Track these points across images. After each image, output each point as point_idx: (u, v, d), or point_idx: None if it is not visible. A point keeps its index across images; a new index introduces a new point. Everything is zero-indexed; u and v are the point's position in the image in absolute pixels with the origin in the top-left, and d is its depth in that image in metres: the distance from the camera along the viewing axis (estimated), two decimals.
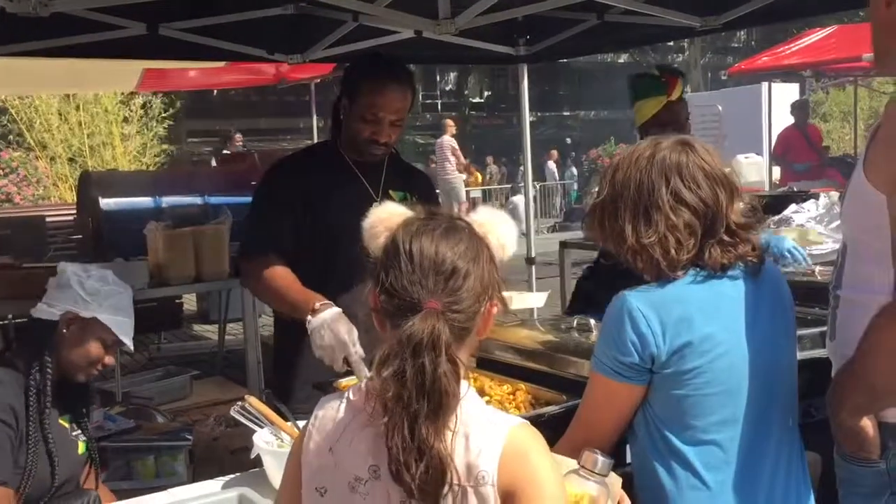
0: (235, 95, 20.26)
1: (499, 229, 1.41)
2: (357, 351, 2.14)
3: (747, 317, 1.63)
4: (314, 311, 2.21)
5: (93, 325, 2.24)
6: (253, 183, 6.76)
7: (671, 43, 24.52)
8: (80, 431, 2.35)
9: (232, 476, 1.99)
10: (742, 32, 26.42)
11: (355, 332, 2.16)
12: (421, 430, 1.20)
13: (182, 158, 14.31)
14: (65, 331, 2.22)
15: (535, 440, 1.29)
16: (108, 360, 2.31)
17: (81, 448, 2.34)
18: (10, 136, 12.50)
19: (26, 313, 5.15)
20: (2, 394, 2.10)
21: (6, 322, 5.50)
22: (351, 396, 1.33)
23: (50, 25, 3.14)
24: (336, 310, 2.22)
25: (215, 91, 15.42)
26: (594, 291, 2.72)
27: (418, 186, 2.62)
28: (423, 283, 1.28)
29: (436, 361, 1.22)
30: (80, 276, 2.27)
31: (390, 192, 2.51)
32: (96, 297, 2.24)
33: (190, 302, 8.15)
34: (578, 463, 1.44)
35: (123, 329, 2.28)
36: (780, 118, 10.47)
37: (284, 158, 2.72)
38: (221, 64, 5.52)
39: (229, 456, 3.89)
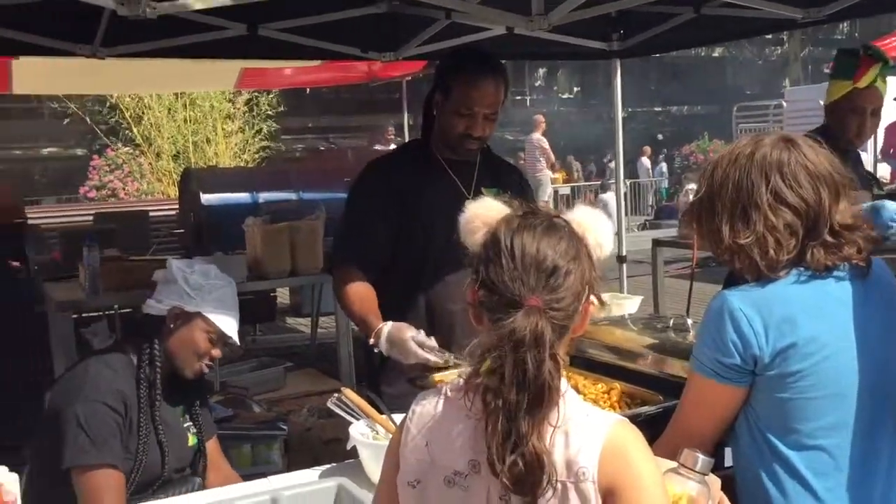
0: (327, 93, 20.60)
1: (596, 228, 1.40)
2: (428, 351, 2.18)
3: (855, 318, 1.57)
4: (375, 342, 2.27)
5: (197, 320, 2.28)
6: (346, 179, 6.94)
7: (769, 35, 23.81)
8: (191, 423, 2.42)
9: (328, 466, 2.04)
10: (845, 24, 25.41)
11: (413, 335, 2.20)
12: (520, 426, 1.21)
13: (275, 155, 14.65)
14: (172, 325, 2.28)
15: (635, 438, 1.28)
16: (216, 352, 2.34)
17: (192, 440, 2.40)
18: (120, 133, 13.04)
19: (132, 304, 5.39)
20: (112, 380, 2.18)
21: (112, 312, 5.77)
22: (448, 392, 1.35)
23: (157, 27, 3.26)
24: (387, 329, 2.26)
25: (307, 89, 15.71)
26: None
27: (512, 182, 2.60)
28: (524, 280, 1.28)
29: (539, 358, 1.22)
30: (184, 271, 2.31)
31: (482, 188, 2.51)
32: (199, 292, 2.29)
33: (283, 295, 8.34)
34: (677, 461, 1.42)
35: (226, 323, 2.32)
36: (888, 113, 10.00)
37: (377, 159, 2.74)
38: (316, 63, 5.63)
39: (322, 446, 3.98)
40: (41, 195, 15.93)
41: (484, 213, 1.40)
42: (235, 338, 2.35)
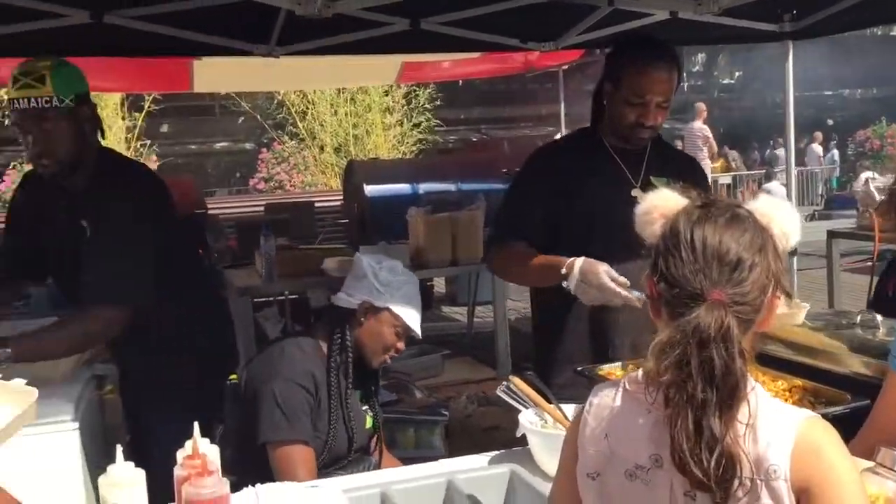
0: (480, 84, 20.73)
1: (782, 218, 1.35)
2: (622, 288, 2.17)
3: None
4: (566, 275, 2.25)
5: (385, 314, 2.39)
6: (504, 170, 6.98)
7: None
8: (367, 407, 2.54)
9: (497, 453, 2.07)
10: None
11: (607, 269, 2.20)
12: (710, 422, 1.18)
13: (431, 148, 14.95)
14: (362, 319, 2.40)
15: (829, 434, 1.23)
16: (400, 346, 2.45)
17: (369, 422, 2.53)
18: (286, 127, 13.70)
19: (301, 290, 5.62)
20: (303, 361, 2.32)
21: (283, 298, 6.08)
22: (627, 385, 1.34)
23: (326, 25, 3.39)
24: (581, 260, 2.25)
25: (460, 81, 15.89)
26: None
27: (684, 172, 2.53)
28: (707, 274, 1.25)
29: (727, 353, 1.19)
30: (374, 267, 2.42)
31: (652, 178, 2.46)
32: (388, 288, 2.39)
33: (439, 284, 8.50)
34: (874, 460, 1.35)
35: (412, 318, 2.42)
36: None
37: (543, 146, 2.76)
38: (476, 55, 5.69)
39: (482, 433, 4.05)
40: (214, 187, 16.95)
41: (662, 203, 1.37)
42: (419, 332, 2.44)
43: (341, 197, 8.00)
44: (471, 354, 6.35)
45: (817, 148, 18.72)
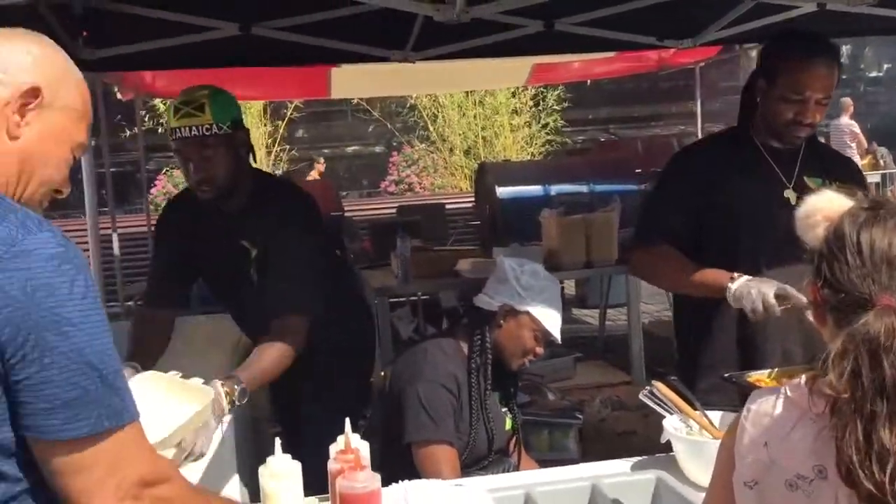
0: (608, 84, 20.41)
1: None
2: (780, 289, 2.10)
3: None
4: (732, 279, 2.20)
5: (526, 318, 2.40)
6: (637, 171, 6.85)
7: None
8: (506, 409, 2.55)
9: (640, 458, 2.04)
10: None
11: (777, 287, 2.13)
12: (880, 434, 1.12)
13: (559, 149, 14.85)
14: (502, 321, 2.41)
15: None
16: (539, 350, 2.46)
17: (508, 424, 2.54)
18: (417, 131, 13.95)
19: (434, 291, 5.71)
20: (446, 363, 2.36)
21: (415, 298, 6.20)
22: (788, 392, 1.29)
23: (461, 29, 3.43)
24: (745, 279, 2.20)
25: (588, 81, 15.74)
26: None
27: (841, 173, 2.41)
28: (875, 279, 1.19)
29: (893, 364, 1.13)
30: (515, 270, 2.43)
31: (805, 178, 2.37)
32: (530, 292, 2.40)
33: (569, 287, 8.43)
34: None
35: (552, 323, 2.42)
36: None
37: (688, 146, 2.69)
38: (609, 54, 5.61)
39: (616, 437, 3.99)
40: (346, 190, 17.43)
41: (825, 206, 1.31)
42: (558, 337, 2.44)
43: (471, 199, 8.06)
44: (602, 357, 6.27)
45: None
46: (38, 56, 1.29)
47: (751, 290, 2.14)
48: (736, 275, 2.21)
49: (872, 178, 15.20)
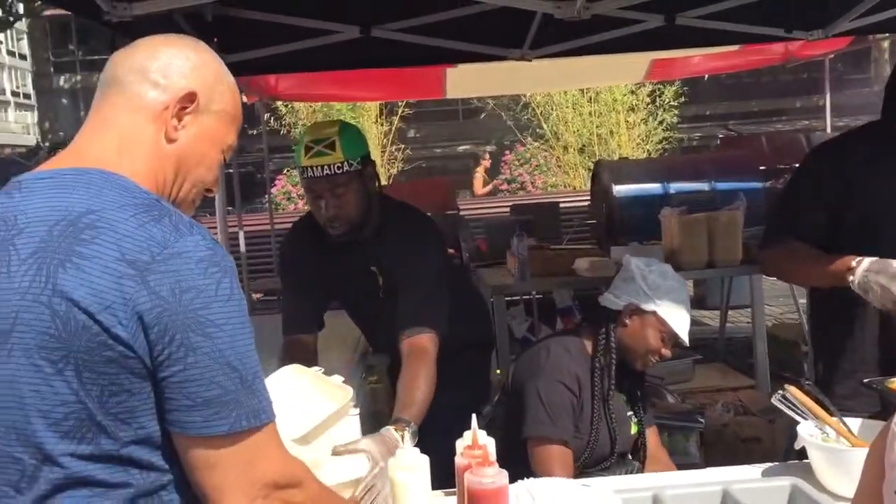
0: (726, 79, 19.81)
1: None
2: None
3: None
4: (850, 270, 2.10)
5: (652, 318, 2.35)
6: (762, 168, 6.61)
7: None
8: (633, 412, 2.52)
9: (772, 465, 1.97)
10: None
11: None
12: None
13: (676, 145, 14.51)
14: (627, 321, 2.38)
15: None
16: (665, 352, 2.41)
17: (634, 428, 2.51)
18: (531, 129, 13.91)
19: (549, 290, 5.67)
20: (568, 362, 2.35)
21: (529, 297, 6.18)
22: None
23: (579, 26, 3.40)
24: (869, 259, 2.09)
25: (706, 76, 15.33)
26: None
27: None
28: None
29: None
30: (643, 270, 2.39)
31: None
32: (657, 292, 2.35)
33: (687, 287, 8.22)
34: None
35: (680, 324, 2.36)
36: None
37: (826, 143, 2.56)
38: (733, 48, 5.43)
39: (740, 443, 3.87)
40: (458, 189, 17.54)
41: None
42: (686, 339, 2.38)
43: (586, 197, 7.96)
44: (722, 360, 6.09)
45: None
46: (195, 61, 1.35)
47: (872, 283, 2.04)
48: (854, 262, 2.10)
49: None
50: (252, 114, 8.60)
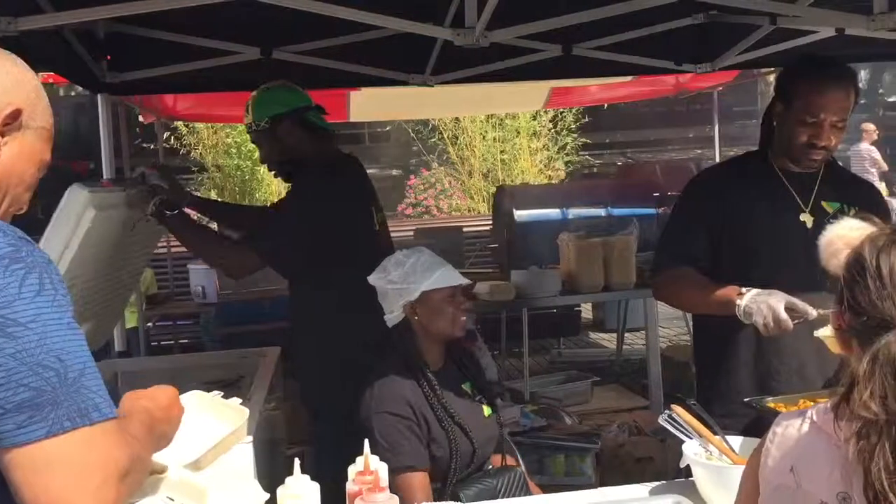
0: (624, 108, 20.44)
1: None
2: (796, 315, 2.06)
3: None
4: (740, 295, 2.18)
5: (426, 297, 2.38)
6: (656, 194, 6.84)
7: None
8: (481, 396, 2.53)
9: (659, 483, 2.03)
10: None
11: (784, 299, 2.10)
12: (878, 457, 1.12)
13: (577, 171, 14.85)
14: (415, 318, 2.41)
15: None
16: (462, 304, 2.45)
17: (487, 411, 2.51)
18: (437, 153, 13.99)
19: None
20: (391, 388, 2.35)
21: None
22: (814, 417, 1.29)
23: (480, 53, 3.46)
24: (755, 291, 2.17)
25: (605, 105, 15.80)
26: None
27: (861, 198, 2.41)
28: (895, 300, 1.20)
29: None
30: (384, 279, 2.43)
31: (823, 203, 2.37)
32: (408, 279, 2.37)
33: (585, 310, 8.40)
34: None
35: (448, 277, 2.40)
36: None
37: (708, 168, 2.69)
38: (628, 78, 5.63)
39: (634, 463, 3.96)
40: None
41: (846, 233, 1.33)
42: (463, 281, 2.44)
43: (490, 222, 8.07)
44: (619, 382, 6.24)
45: None
46: (16, 77, 1.29)
47: (760, 305, 2.12)
48: (745, 290, 2.19)
49: (894, 203, 15.13)
50: (151, 133, 8.39)
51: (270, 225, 2.93)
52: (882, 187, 14.92)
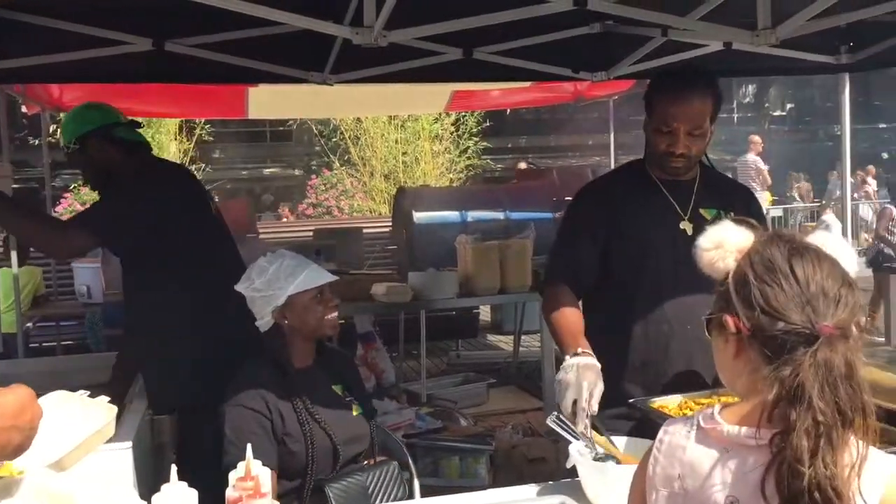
0: (526, 113, 20.78)
1: (842, 254, 1.32)
2: (588, 404, 2.04)
3: None
4: (574, 354, 2.20)
5: (293, 302, 2.39)
6: (553, 199, 6.96)
7: None
8: (352, 397, 2.52)
9: (546, 484, 2.05)
10: None
11: (600, 388, 2.09)
12: (819, 464, 1.13)
13: (479, 175, 15.00)
14: (286, 321, 2.41)
15: None
16: (330, 303, 2.45)
17: (356, 410, 2.50)
18: (338, 153, 13.87)
19: (349, 315, 5.67)
20: (251, 385, 2.34)
21: None
22: (702, 422, 1.29)
23: (380, 54, 3.43)
24: (592, 361, 2.17)
25: (508, 110, 16.01)
26: None
27: (737, 203, 2.51)
28: (815, 307, 1.21)
29: (851, 391, 1.15)
30: (250, 287, 2.42)
31: (701, 210, 2.46)
32: (272, 285, 2.38)
33: (484, 313, 8.49)
34: None
35: (313, 278, 2.40)
36: None
37: (594, 180, 2.75)
38: (527, 84, 5.70)
39: (527, 464, 4.01)
40: (263, 212, 17.18)
41: (731, 237, 1.33)
42: (329, 278, 2.43)
43: (390, 223, 8.04)
44: (516, 384, 6.31)
45: (872, 182, 18.34)
46: None
47: (563, 388, 2.11)
48: (580, 351, 2.18)
49: (775, 212, 15.87)
50: (38, 126, 8.00)
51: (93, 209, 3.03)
52: (767, 196, 15.70)
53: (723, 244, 1.32)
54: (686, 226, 2.44)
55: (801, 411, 1.14)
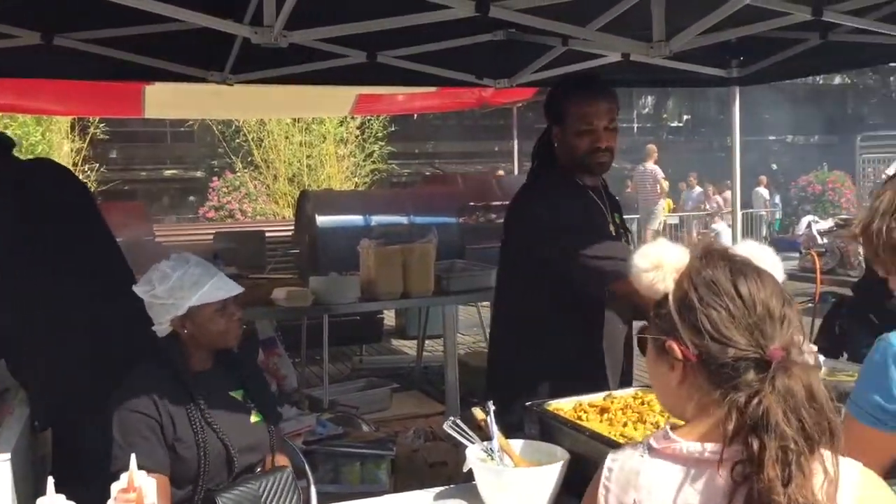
0: (434, 119, 20.89)
1: (772, 265, 1.32)
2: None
3: None
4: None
5: (195, 313, 2.31)
6: (458, 205, 7.00)
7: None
8: (253, 404, 2.46)
9: (443, 488, 2.05)
10: None
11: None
12: (794, 492, 1.11)
13: (384, 179, 14.99)
14: (185, 331, 2.34)
15: (883, 487, 1.23)
16: (233, 315, 2.38)
17: (255, 417, 2.45)
18: (241, 154, 13.60)
19: (248, 321, 5.56)
20: (142, 388, 2.27)
21: None
22: (654, 444, 1.25)
23: (282, 54, 3.38)
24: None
25: (415, 115, 16.05)
26: (847, 327, 2.72)
27: (617, 208, 2.70)
28: (763, 330, 1.18)
29: (814, 412, 1.14)
30: (150, 293, 2.33)
31: (615, 216, 2.58)
32: (173, 293, 2.29)
33: (389, 317, 8.46)
34: None
35: (215, 292, 2.31)
36: None
37: (538, 191, 2.65)
38: (432, 89, 5.72)
39: (428, 468, 4.01)
40: (163, 215, 16.70)
41: (667, 255, 1.28)
42: (235, 291, 2.36)
43: (293, 227, 7.93)
44: (419, 388, 6.32)
45: (763, 191, 19.18)
46: None
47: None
48: None
49: (671, 220, 16.42)
50: None
51: None
52: (667, 204, 16.22)
53: (661, 264, 1.28)
54: (613, 228, 2.58)
55: (767, 440, 1.12)
